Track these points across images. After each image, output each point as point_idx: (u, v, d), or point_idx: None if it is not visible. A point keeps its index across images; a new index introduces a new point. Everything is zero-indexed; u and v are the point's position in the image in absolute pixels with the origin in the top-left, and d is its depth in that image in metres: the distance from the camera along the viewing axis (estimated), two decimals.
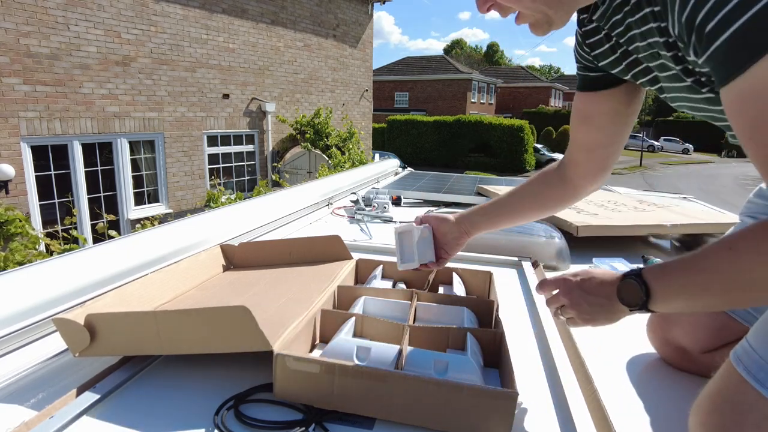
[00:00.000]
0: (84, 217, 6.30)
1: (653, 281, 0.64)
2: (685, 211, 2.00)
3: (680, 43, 0.58)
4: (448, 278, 1.20)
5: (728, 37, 0.48)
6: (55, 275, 1.02)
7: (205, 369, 0.83)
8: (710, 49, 0.51)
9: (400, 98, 31.60)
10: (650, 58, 0.69)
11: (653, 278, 0.64)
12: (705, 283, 0.60)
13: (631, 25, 0.68)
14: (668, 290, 0.64)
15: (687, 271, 0.62)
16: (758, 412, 0.58)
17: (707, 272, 0.60)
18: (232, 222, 1.64)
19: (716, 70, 0.53)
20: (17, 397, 0.75)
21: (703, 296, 0.61)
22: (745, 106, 0.51)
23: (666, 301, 0.65)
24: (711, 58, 0.52)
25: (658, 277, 0.64)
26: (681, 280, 0.63)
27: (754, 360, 0.60)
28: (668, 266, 0.65)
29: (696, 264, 0.61)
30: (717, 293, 0.60)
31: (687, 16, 0.52)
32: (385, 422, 0.71)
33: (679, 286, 0.63)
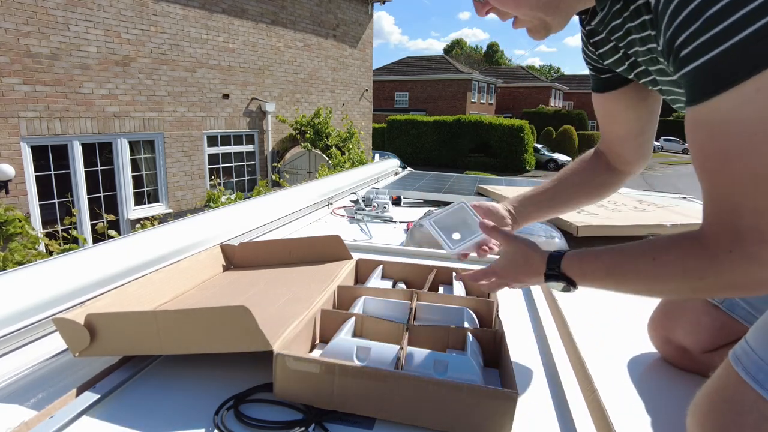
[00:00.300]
0: (84, 217, 6.30)
1: (576, 278, 0.71)
2: (685, 211, 2.00)
3: (661, 57, 0.61)
4: (448, 278, 1.20)
5: (699, 65, 0.51)
6: (55, 275, 1.02)
7: (205, 369, 0.83)
8: (681, 71, 0.54)
9: (400, 98, 31.59)
10: (649, 62, 0.70)
11: (575, 275, 0.71)
12: (622, 282, 0.66)
13: (631, 30, 0.68)
14: (588, 284, 0.70)
15: (609, 272, 0.67)
16: (757, 412, 0.58)
17: (628, 275, 0.65)
18: (232, 222, 1.64)
19: (686, 90, 0.56)
20: (17, 397, 0.75)
21: (617, 289, 0.68)
22: (696, 130, 0.56)
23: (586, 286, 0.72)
24: (683, 78, 0.55)
25: (579, 276, 0.70)
26: (600, 278, 0.68)
27: (753, 361, 0.60)
28: (588, 261, 0.70)
29: (619, 266, 0.66)
30: (631, 290, 0.66)
31: (669, 36, 0.54)
32: (385, 422, 0.71)
33: (598, 282, 0.69)
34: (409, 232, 1.74)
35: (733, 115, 0.51)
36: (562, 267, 0.71)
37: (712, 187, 0.56)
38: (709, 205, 0.57)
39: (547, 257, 0.73)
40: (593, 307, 1.21)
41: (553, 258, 0.73)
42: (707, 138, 0.55)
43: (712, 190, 0.56)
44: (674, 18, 0.53)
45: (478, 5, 0.72)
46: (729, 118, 0.51)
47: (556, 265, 0.72)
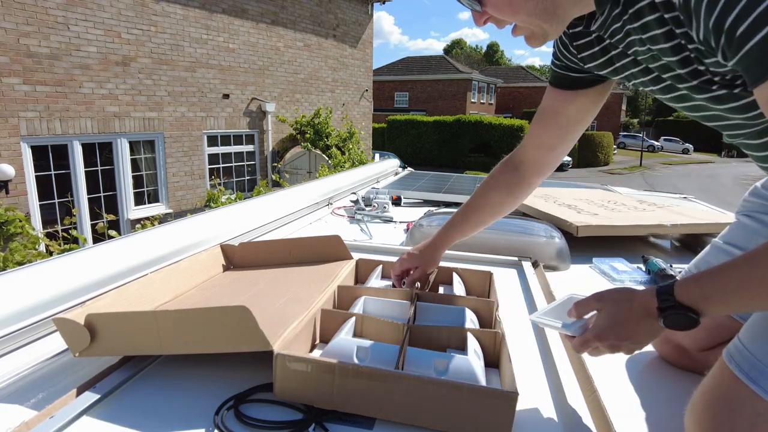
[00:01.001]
0: (84, 217, 6.30)
1: (699, 303, 0.60)
2: (685, 211, 2.00)
3: (703, 47, 0.59)
4: (449, 278, 1.20)
5: (760, 39, 0.50)
6: (55, 275, 1.02)
7: (205, 369, 0.83)
8: (743, 51, 0.52)
9: (400, 98, 31.59)
10: (651, 60, 0.71)
11: (696, 300, 0.60)
12: (762, 293, 0.56)
13: (630, 32, 0.69)
14: (715, 307, 0.60)
15: (741, 284, 0.58)
16: (751, 409, 0.59)
17: (762, 279, 0.55)
18: (232, 222, 1.64)
19: (749, 70, 0.54)
20: (17, 397, 0.75)
21: (755, 304, 0.59)
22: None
23: (713, 314, 0.62)
24: (744, 59, 0.53)
25: (702, 299, 0.60)
26: (729, 294, 0.59)
27: (747, 358, 0.61)
28: (708, 280, 0.61)
29: (753, 274, 0.57)
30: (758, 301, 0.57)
31: (715, 21, 0.53)
32: (385, 422, 0.71)
33: (728, 300, 0.60)
34: (409, 232, 1.74)
35: None
36: (676, 295, 0.61)
37: None
38: None
39: (656, 290, 0.63)
40: None
41: (663, 289, 0.63)
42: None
43: None
44: (716, 2, 0.52)
45: (476, 15, 0.73)
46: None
47: (668, 295, 0.62)
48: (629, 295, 0.67)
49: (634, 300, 0.65)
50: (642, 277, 1.42)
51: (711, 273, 0.60)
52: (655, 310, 0.62)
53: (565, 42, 0.86)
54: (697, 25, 0.56)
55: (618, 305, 0.67)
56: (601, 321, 0.67)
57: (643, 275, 1.43)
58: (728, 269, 0.59)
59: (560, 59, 0.90)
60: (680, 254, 1.75)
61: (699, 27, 0.56)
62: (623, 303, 0.66)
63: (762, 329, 0.63)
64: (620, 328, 0.66)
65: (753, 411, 0.58)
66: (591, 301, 0.70)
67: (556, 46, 0.90)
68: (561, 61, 0.90)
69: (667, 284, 0.63)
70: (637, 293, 0.66)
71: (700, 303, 0.60)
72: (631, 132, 43.42)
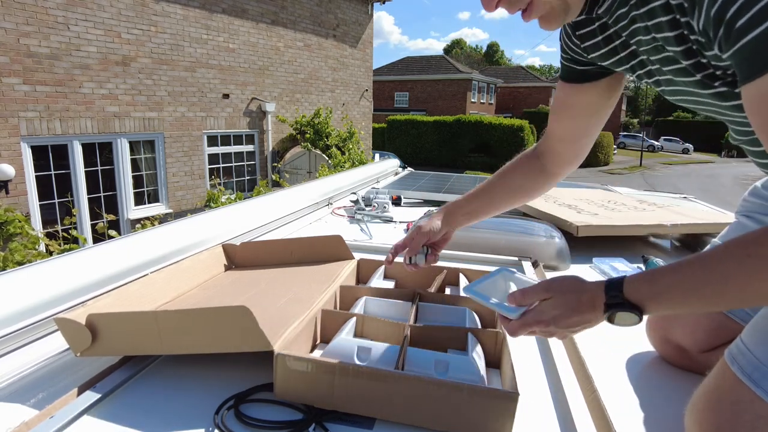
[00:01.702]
0: (84, 217, 6.30)
1: (647, 302, 0.60)
2: (685, 211, 2.00)
3: (702, 38, 0.57)
4: (455, 279, 1.20)
5: (758, 35, 0.48)
6: (55, 275, 1.02)
7: (205, 369, 0.83)
8: (738, 44, 0.51)
9: (400, 98, 31.59)
10: (653, 51, 0.68)
11: (644, 298, 0.60)
12: (715, 294, 0.56)
13: (636, 18, 0.67)
14: (664, 305, 0.60)
15: (695, 285, 0.57)
16: (753, 412, 0.58)
17: (719, 283, 0.55)
18: (232, 222, 1.64)
19: (741, 66, 0.52)
20: (18, 397, 0.75)
21: (704, 304, 0.59)
22: (765, 105, 0.52)
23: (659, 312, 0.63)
24: (737, 53, 0.52)
25: (650, 298, 0.60)
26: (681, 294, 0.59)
27: (749, 360, 0.60)
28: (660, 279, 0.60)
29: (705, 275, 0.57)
30: (723, 301, 0.57)
31: (716, 11, 0.51)
32: (385, 422, 0.71)
33: (678, 300, 0.59)
34: None
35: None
36: (624, 292, 0.61)
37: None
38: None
39: (605, 285, 0.63)
40: None
41: (612, 284, 0.62)
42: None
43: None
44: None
45: None
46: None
47: (617, 291, 0.61)
48: (579, 286, 0.66)
49: (584, 293, 0.64)
50: None
51: (663, 272, 0.60)
52: (602, 305, 0.62)
53: (568, 32, 0.85)
54: (699, 14, 0.55)
55: (567, 297, 0.65)
56: (546, 308, 0.66)
57: None
58: (681, 269, 0.59)
59: (566, 51, 0.89)
60: (680, 254, 1.75)
61: (700, 16, 0.55)
62: (573, 294, 0.65)
63: (765, 331, 0.62)
64: (564, 319, 0.65)
65: (754, 413, 0.58)
66: (539, 291, 0.68)
67: (561, 39, 0.89)
68: (567, 54, 0.89)
69: (616, 279, 0.62)
70: (586, 285, 0.65)
71: (647, 302, 0.60)
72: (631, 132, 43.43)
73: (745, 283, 0.54)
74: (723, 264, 0.55)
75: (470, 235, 1.58)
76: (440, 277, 1.17)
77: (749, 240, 0.55)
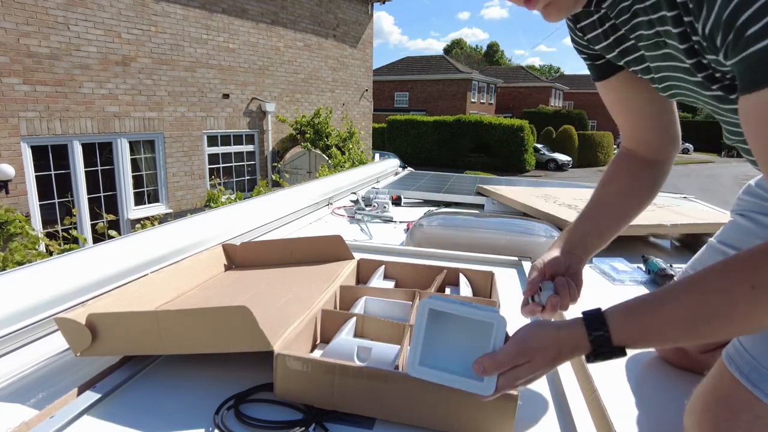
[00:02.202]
0: (84, 217, 6.30)
1: (635, 343, 0.57)
2: (685, 211, 2.00)
3: (705, 41, 0.54)
4: (455, 279, 1.20)
5: (765, 46, 0.46)
6: (55, 275, 1.02)
7: (205, 369, 0.83)
8: (746, 51, 0.48)
9: (400, 98, 31.60)
10: (653, 47, 0.66)
11: (631, 340, 0.57)
12: (714, 329, 0.53)
13: (638, 11, 0.64)
14: (653, 344, 0.58)
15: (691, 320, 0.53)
16: (750, 412, 0.59)
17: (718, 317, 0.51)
18: (232, 222, 1.64)
19: (744, 74, 0.50)
20: (18, 397, 0.75)
21: (696, 336, 0.56)
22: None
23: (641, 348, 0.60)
24: (743, 61, 0.49)
25: (641, 337, 0.57)
26: (673, 330, 0.55)
27: (747, 360, 0.60)
28: (646, 314, 0.56)
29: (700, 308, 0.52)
30: (719, 333, 0.53)
31: (729, 14, 0.48)
32: (385, 422, 0.71)
33: (670, 336, 0.56)
34: (409, 232, 1.74)
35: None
36: (614, 340, 0.56)
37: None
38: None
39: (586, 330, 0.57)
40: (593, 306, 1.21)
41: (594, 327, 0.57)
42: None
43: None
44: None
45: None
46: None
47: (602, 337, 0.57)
48: (556, 340, 0.59)
49: (564, 347, 0.59)
50: (642, 276, 1.42)
51: (652, 308, 0.56)
52: (586, 352, 0.58)
53: (572, 26, 0.82)
54: (707, 16, 0.51)
55: (546, 354, 0.59)
56: (523, 373, 0.59)
57: (643, 275, 1.43)
58: (672, 304, 0.55)
59: (580, 51, 0.86)
60: (680, 254, 1.75)
61: (708, 18, 0.51)
62: (551, 351, 0.59)
63: (763, 333, 0.63)
64: (542, 374, 0.60)
65: (752, 414, 0.58)
66: (514, 356, 0.59)
67: (572, 41, 0.86)
68: (583, 53, 0.86)
69: (596, 319, 0.58)
70: (562, 337, 0.59)
71: (637, 344, 0.57)
72: None
73: (752, 316, 0.49)
74: (724, 296, 0.51)
75: (470, 235, 1.58)
76: (440, 277, 1.17)
77: (749, 268, 0.50)
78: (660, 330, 0.55)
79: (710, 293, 0.52)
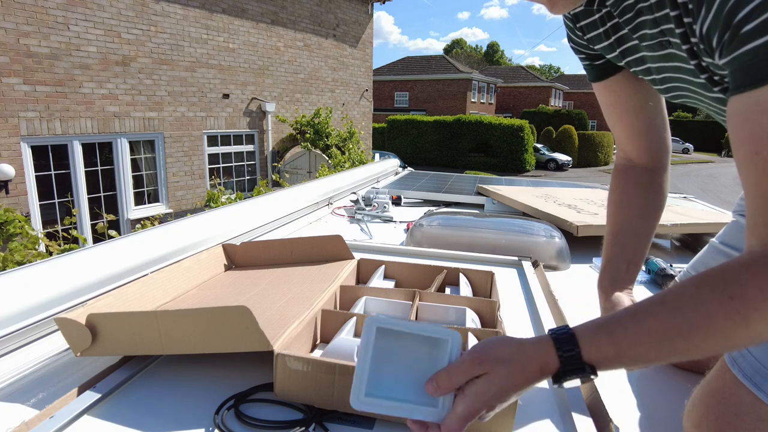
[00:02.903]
0: (84, 217, 6.30)
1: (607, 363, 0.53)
2: (685, 210, 2.00)
3: (702, 44, 0.54)
4: (455, 279, 1.20)
5: (763, 44, 0.44)
6: (55, 275, 1.02)
7: (205, 369, 0.83)
8: (740, 50, 0.46)
9: (400, 98, 31.61)
10: (657, 46, 0.65)
11: (604, 359, 0.52)
12: (689, 346, 0.49)
13: (643, 10, 0.63)
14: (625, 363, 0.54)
15: (665, 334, 0.49)
16: (754, 414, 0.58)
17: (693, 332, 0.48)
18: (232, 222, 1.64)
19: (736, 74, 0.49)
20: (18, 397, 0.75)
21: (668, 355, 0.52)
22: (763, 117, 0.46)
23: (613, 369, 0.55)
24: (736, 60, 0.48)
25: (613, 357, 0.52)
26: (647, 348, 0.51)
27: (750, 362, 0.60)
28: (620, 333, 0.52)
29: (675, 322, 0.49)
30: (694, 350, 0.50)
31: (727, 12, 0.47)
32: (385, 422, 0.71)
33: (644, 355, 0.51)
34: (409, 232, 1.74)
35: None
36: (585, 358, 0.52)
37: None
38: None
39: (554, 347, 0.53)
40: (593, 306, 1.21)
41: (564, 345, 0.52)
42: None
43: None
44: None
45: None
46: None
47: (573, 355, 0.52)
48: (518, 353, 0.53)
49: (528, 363, 0.53)
50: (642, 276, 1.42)
51: (626, 324, 0.52)
52: (554, 371, 0.53)
53: (571, 26, 0.82)
54: (705, 15, 0.50)
55: (508, 369, 0.52)
56: (482, 388, 0.52)
57: (643, 275, 1.43)
58: (647, 320, 0.51)
59: (579, 51, 0.85)
60: (680, 254, 1.75)
61: (707, 18, 0.50)
62: (515, 365, 0.52)
63: None
64: (506, 396, 0.52)
65: (755, 415, 0.58)
66: (468, 366, 0.53)
67: (570, 40, 0.86)
68: (581, 53, 0.85)
69: (565, 337, 0.53)
70: (527, 350, 0.54)
71: (609, 364, 0.53)
72: None
73: (730, 330, 0.47)
74: (701, 309, 0.48)
75: (470, 235, 1.58)
76: (440, 277, 1.17)
77: (726, 280, 0.48)
78: (634, 346, 0.51)
79: (686, 306, 0.49)
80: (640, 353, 0.51)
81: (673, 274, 1.38)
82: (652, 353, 0.51)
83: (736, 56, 0.47)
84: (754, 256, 0.49)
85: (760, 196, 0.49)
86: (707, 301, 0.48)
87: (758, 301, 0.45)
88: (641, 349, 0.51)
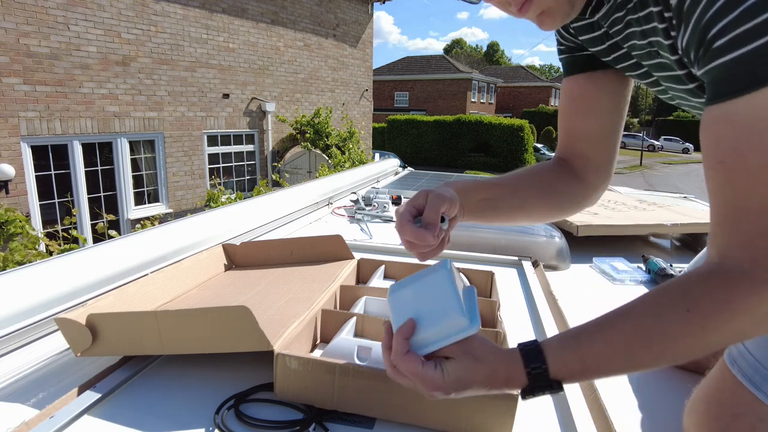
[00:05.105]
0: (84, 217, 6.31)
1: (572, 377, 0.54)
2: (685, 210, 2.00)
3: (686, 58, 0.54)
4: None
5: (735, 57, 0.45)
6: (55, 275, 1.02)
7: (205, 369, 0.83)
8: (711, 64, 0.48)
9: (400, 98, 31.62)
10: (646, 56, 0.66)
11: (569, 374, 0.53)
12: (652, 357, 0.51)
13: (631, 22, 0.63)
14: (589, 377, 0.55)
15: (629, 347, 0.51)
16: (753, 414, 0.58)
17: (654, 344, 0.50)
18: (232, 222, 1.64)
19: (709, 86, 0.50)
20: (18, 397, 0.75)
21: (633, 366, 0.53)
22: (727, 127, 0.48)
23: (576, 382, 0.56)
24: (709, 73, 0.49)
25: (579, 371, 0.53)
26: (611, 361, 0.52)
27: (749, 362, 0.60)
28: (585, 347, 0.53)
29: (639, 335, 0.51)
30: (657, 360, 0.51)
31: (703, 26, 0.48)
32: (385, 422, 0.71)
33: (607, 368, 0.53)
34: None
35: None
36: (552, 374, 0.53)
37: (740, 194, 0.48)
38: (739, 220, 0.48)
39: (523, 361, 0.54)
40: (594, 306, 1.21)
41: (531, 361, 0.54)
42: (745, 135, 0.46)
43: (740, 199, 0.48)
44: (710, 6, 0.47)
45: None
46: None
47: (541, 372, 0.53)
48: (493, 357, 0.56)
49: (497, 369, 0.55)
50: (642, 276, 1.42)
51: (591, 339, 0.53)
52: (521, 385, 0.54)
53: (565, 25, 0.80)
54: (684, 30, 0.51)
55: (479, 365, 0.55)
56: (452, 369, 0.55)
57: (643, 275, 1.43)
58: (607, 330, 0.52)
59: (563, 42, 0.84)
60: (680, 254, 1.75)
61: (686, 32, 0.51)
62: (484, 366, 0.55)
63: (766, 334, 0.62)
64: (464, 387, 0.55)
65: (755, 416, 0.58)
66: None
67: (556, 34, 0.84)
68: (564, 44, 0.83)
69: (533, 352, 0.54)
70: (499, 357, 0.56)
71: (578, 376, 0.54)
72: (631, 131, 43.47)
73: (688, 340, 0.48)
74: (658, 319, 0.50)
75: (470, 235, 1.58)
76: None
77: (683, 291, 0.50)
78: (599, 359, 0.52)
79: (645, 317, 0.51)
80: (606, 366, 0.52)
81: (673, 274, 1.38)
82: (618, 364, 0.52)
83: (708, 70, 0.49)
84: (710, 268, 0.50)
85: (721, 205, 0.50)
86: (666, 313, 0.50)
87: (712, 313, 0.47)
88: (606, 361, 0.52)
